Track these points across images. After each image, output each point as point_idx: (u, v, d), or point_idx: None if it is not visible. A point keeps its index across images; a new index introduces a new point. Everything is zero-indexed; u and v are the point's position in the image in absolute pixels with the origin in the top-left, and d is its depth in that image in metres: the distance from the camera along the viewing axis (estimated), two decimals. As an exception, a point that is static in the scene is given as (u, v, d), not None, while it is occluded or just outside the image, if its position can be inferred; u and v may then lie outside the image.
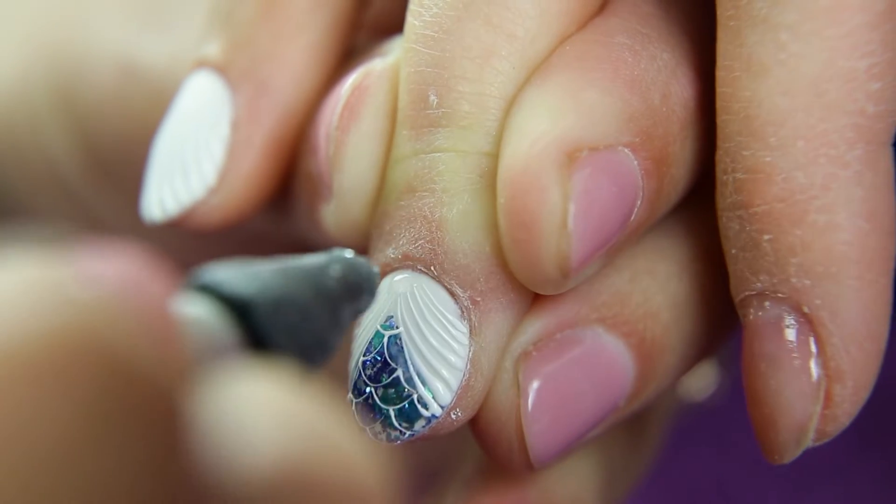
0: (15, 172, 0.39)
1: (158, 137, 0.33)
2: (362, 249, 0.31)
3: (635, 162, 0.28)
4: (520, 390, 0.29)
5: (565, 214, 0.27)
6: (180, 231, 0.35)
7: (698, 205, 0.31)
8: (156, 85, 0.36)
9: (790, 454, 0.29)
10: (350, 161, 0.30)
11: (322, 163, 0.31)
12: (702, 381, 0.45)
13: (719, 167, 0.29)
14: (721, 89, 0.29)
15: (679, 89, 0.29)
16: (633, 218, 0.29)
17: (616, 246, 0.29)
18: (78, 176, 0.38)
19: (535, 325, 0.29)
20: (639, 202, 0.29)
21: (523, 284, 0.29)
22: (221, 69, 0.32)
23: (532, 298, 0.30)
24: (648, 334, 0.30)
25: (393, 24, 0.34)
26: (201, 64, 0.33)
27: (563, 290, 0.29)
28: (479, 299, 0.29)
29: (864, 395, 0.29)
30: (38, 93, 0.39)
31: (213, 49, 0.33)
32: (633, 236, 0.29)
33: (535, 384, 0.29)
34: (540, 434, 0.29)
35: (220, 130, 0.32)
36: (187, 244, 0.39)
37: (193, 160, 0.32)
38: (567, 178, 0.27)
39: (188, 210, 0.32)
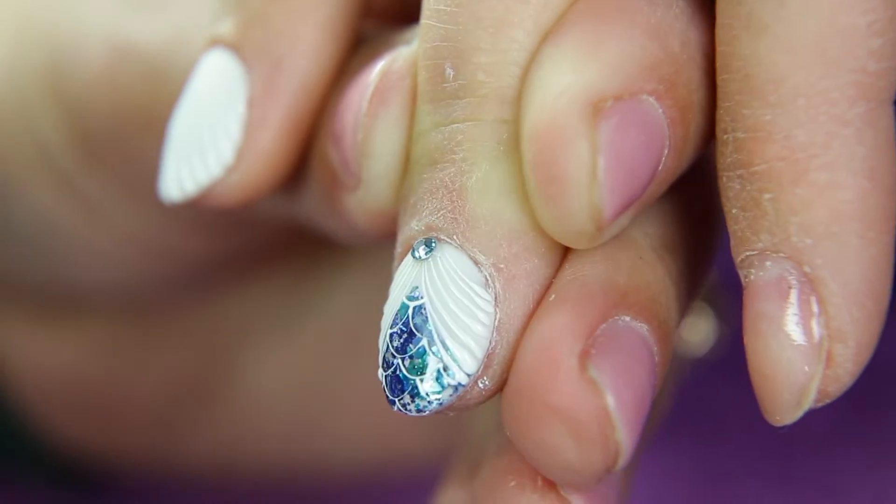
0: (5, 155, 0.38)
1: (174, 118, 0.32)
2: (389, 233, 0.30)
3: (660, 110, 0.27)
4: (599, 388, 0.27)
5: (595, 166, 0.27)
6: (175, 216, 0.34)
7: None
8: (148, 66, 0.35)
9: (791, 415, 0.28)
10: (380, 147, 0.29)
11: (348, 150, 0.30)
12: (701, 335, 0.44)
13: (719, 127, 0.28)
14: (721, 48, 0.28)
15: (697, 36, 0.29)
16: (660, 167, 0.28)
17: (646, 197, 0.28)
18: (69, 159, 0.37)
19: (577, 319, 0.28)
20: (666, 151, 0.28)
21: (550, 246, 0.28)
22: (235, 47, 0.32)
23: (557, 263, 0.28)
24: (662, 316, 0.29)
25: (400, 12, 0.33)
26: (215, 42, 0.32)
27: (597, 244, 0.28)
28: (502, 266, 0.28)
29: (866, 354, 0.28)
30: (27, 74, 0.38)
31: (226, 27, 0.32)
32: (662, 186, 0.28)
33: (616, 383, 0.27)
34: (629, 429, 0.27)
35: (237, 108, 0.31)
36: (181, 228, 0.38)
37: (210, 139, 0.31)
38: (594, 129, 0.27)
39: (207, 189, 0.32)
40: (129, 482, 0.47)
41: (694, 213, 0.31)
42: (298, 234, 0.38)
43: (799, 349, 0.27)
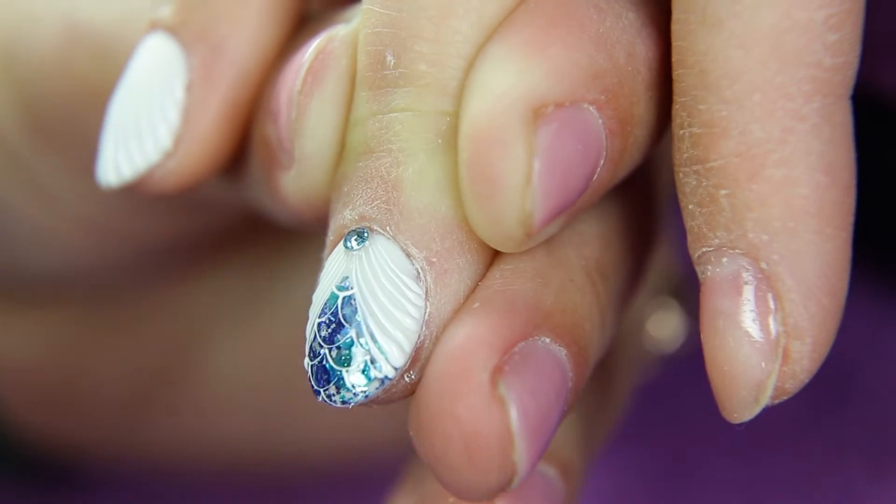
0: None
1: (112, 101, 0.32)
2: (321, 216, 0.30)
3: (600, 120, 0.27)
4: (505, 406, 0.26)
5: (530, 170, 0.26)
6: (130, 198, 0.34)
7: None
8: (101, 45, 0.34)
9: (748, 412, 0.28)
10: (313, 126, 0.29)
11: (283, 128, 0.29)
12: (671, 332, 0.44)
13: (675, 122, 0.27)
14: (676, 43, 0.27)
15: (644, 49, 0.28)
16: (594, 178, 0.27)
17: (577, 207, 0.27)
18: (22, 141, 0.37)
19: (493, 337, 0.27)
20: (602, 161, 0.27)
21: (483, 243, 0.27)
22: (174, 31, 0.31)
23: (489, 261, 0.28)
24: (583, 342, 0.28)
25: None
26: (154, 26, 0.31)
27: (524, 249, 0.28)
28: (434, 260, 0.27)
29: (823, 351, 0.27)
30: None
31: (165, 10, 0.31)
32: (594, 197, 0.28)
33: (523, 403, 0.27)
34: (528, 451, 0.27)
35: (175, 93, 0.31)
36: (133, 211, 0.37)
37: (148, 124, 0.31)
38: (532, 133, 0.26)
39: (144, 175, 0.31)
40: (95, 474, 0.47)
41: (634, 237, 0.31)
42: (261, 222, 0.37)
43: (755, 346, 0.27)
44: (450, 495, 0.29)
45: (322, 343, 0.27)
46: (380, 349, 0.27)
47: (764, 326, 0.27)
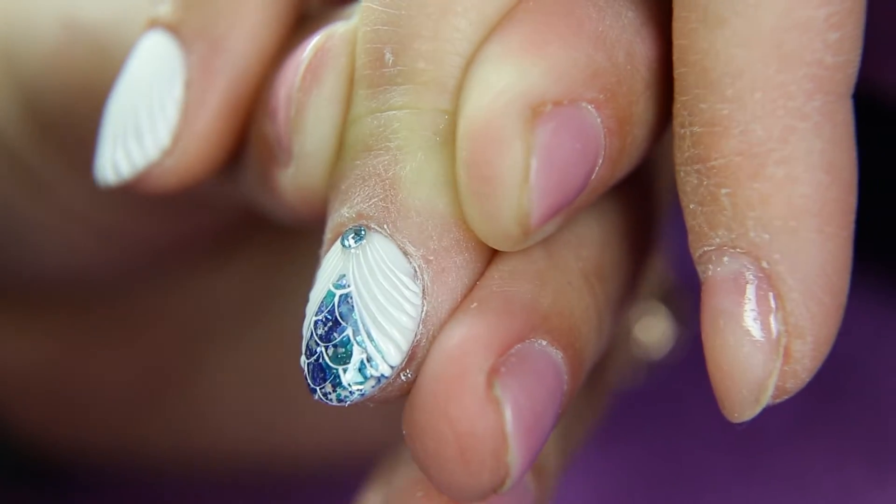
0: None
1: (111, 99, 0.31)
2: (319, 213, 0.30)
3: (598, 119, 0.27)
4: (500, 408, 0.26)
5: (528, 169, 0.26)
6: (129, 197, 0.34)
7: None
8: (99, 42, 0.34)
9: (749, 411, 0.27)
10: (311, 124, 0.29)
11: (281, 126, 0.29)
12: (658, 338, 0.44)
13: (676, 121, 0.27)
14: (677, 41, 0.27)
15: (644, 49, 0.28)
16: (593, 176, 0.27)
17: (575, 206, 0.27)
18: (21, 139, 0.36)
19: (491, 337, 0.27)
20: (600, 160, 0.27)
21: (481, 241, 0.27)
22: (173, 28, 0.31)
23: (487, 259, 0.28)
24: (579, 345, 0.28)
25: None
26: (153, 23, 0.31)
27: (522, 248, 0.27)
28: (431, 258, 0.27)
29: (824, 350, 0.27)
30: None
31: (164, 8, 0.31)
32: (592, 196, 0.28)
33: (518, 405, 0.26)
34: (522, 453, 0.27)
35: (174, 91, 0.31)
36: (132, 210, 0.37)
37: (147, 121, 0.31)
38: (530, 132, 0.26)
39: (142, 172, 0.31)
40: (93, 475, 0.47)
41: (633, 239, 0.31)
42: (261, 223, 0.37)
43: (757, 345, 0.27)
44: (418, 490, 0.29)
45: (318, 341, 0.27)
46: (376, 347, 0.27)
47: (765, 325, 0.27)
